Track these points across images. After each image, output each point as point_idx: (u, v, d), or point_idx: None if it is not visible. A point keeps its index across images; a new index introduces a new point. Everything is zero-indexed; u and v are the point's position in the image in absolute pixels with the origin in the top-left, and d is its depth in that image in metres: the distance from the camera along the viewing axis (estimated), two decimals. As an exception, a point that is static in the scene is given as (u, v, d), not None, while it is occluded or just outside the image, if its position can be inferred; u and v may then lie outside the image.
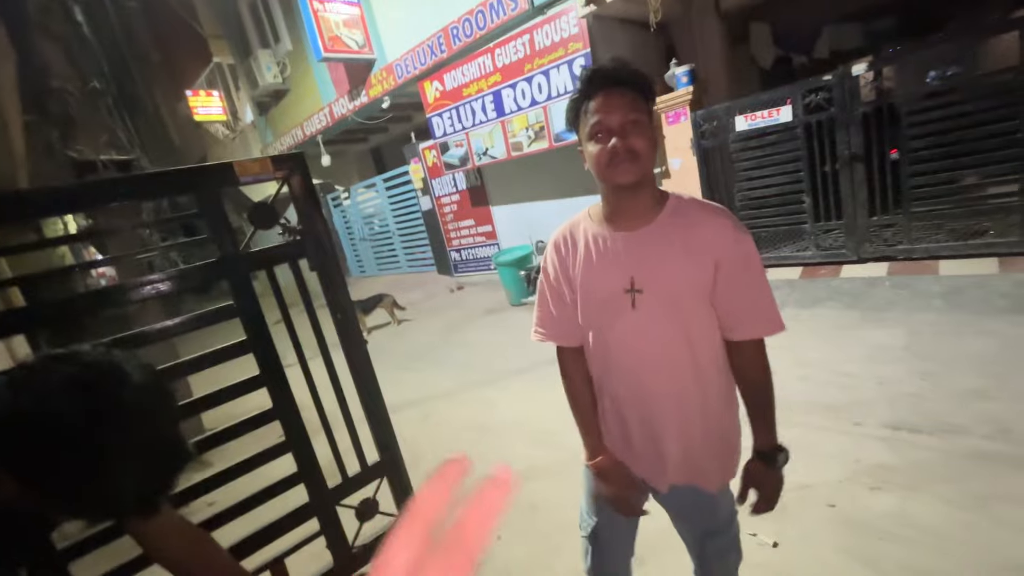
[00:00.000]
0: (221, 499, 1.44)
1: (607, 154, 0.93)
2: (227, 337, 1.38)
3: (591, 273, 1.04)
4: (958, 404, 2.33)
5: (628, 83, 0.94)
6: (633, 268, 0.99)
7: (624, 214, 1.01)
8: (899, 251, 3.83)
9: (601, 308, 1.05)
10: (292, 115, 9.17)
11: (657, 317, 0.99)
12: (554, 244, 1.13)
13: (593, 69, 0.96)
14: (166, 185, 1.28)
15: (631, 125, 0.92)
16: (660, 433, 1.06)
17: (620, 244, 1.01)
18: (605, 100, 0.93)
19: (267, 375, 1.39)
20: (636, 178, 0.94)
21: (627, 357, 1.05)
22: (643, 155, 0.93)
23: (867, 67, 3.67)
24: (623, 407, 1.09)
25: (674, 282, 0.98)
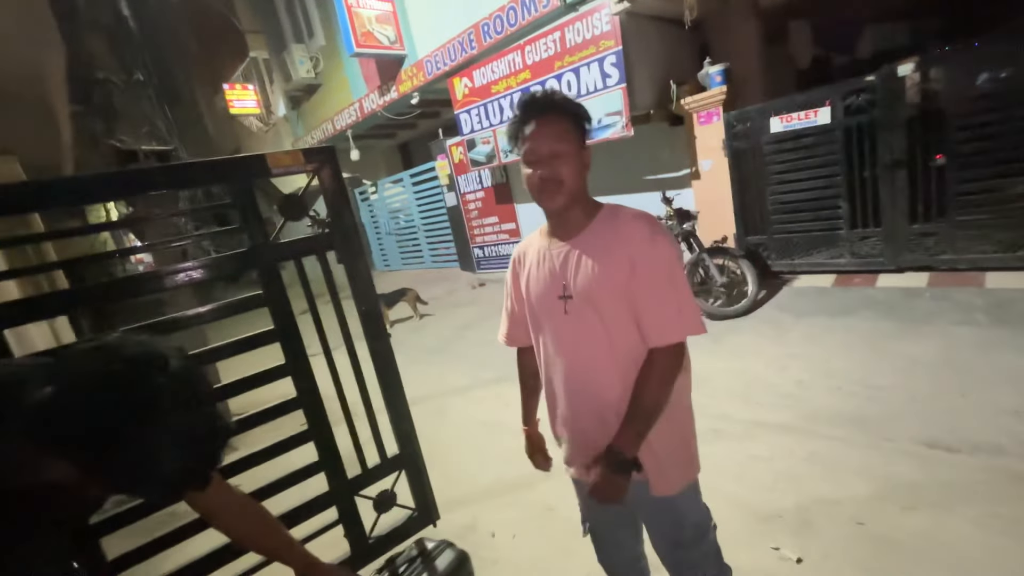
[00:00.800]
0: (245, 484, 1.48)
1: (536, 179, 1.03)
2: (253, 326, 1.41)
3: (534, 283, 1.15)
4: (996, 423, 2.22)
5: (559, 110, 1.02)
6: (565, 276, 1.08)
7: (560, 228, 1.12)
8: (941, 261, 3.66)
9: (542, 315, 1.15)
10: (323, 109, 9.33)
11: (584, 320, 1.07)
12: (513, 259, 1.26)
13: (529, 96, 1.04)
14: (202, 175, 1.32)
15: (558, 155, 1.01)
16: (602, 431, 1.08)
17: (556, 254, 1.11)
18: (536, 129, 1.01)
19: (292, 364, 1.42)
20: (561, 204, 1.05)
21: (564, 360, 1.13)
22: (567, 182, 1.02)
23: (914, 67, 3.51)
24: (573, 415, 1.16)
25: (595, 285, 1.04)
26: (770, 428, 2.54)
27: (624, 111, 4.64)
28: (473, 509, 2.38)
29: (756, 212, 4.54)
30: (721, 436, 2.53)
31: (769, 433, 2.49)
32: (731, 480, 2.17)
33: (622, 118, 4.68)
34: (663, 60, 4.88)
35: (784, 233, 4.42)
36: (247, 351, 1.39)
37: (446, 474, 2.71)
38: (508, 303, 1.31)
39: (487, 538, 2.19)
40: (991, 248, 3.52)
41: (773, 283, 4.37)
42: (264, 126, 11.08)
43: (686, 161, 4.99)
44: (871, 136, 3.75)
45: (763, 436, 2.48)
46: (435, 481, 1.80)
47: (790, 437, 2.43)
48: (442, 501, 1.83)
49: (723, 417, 2.69)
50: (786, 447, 2.35)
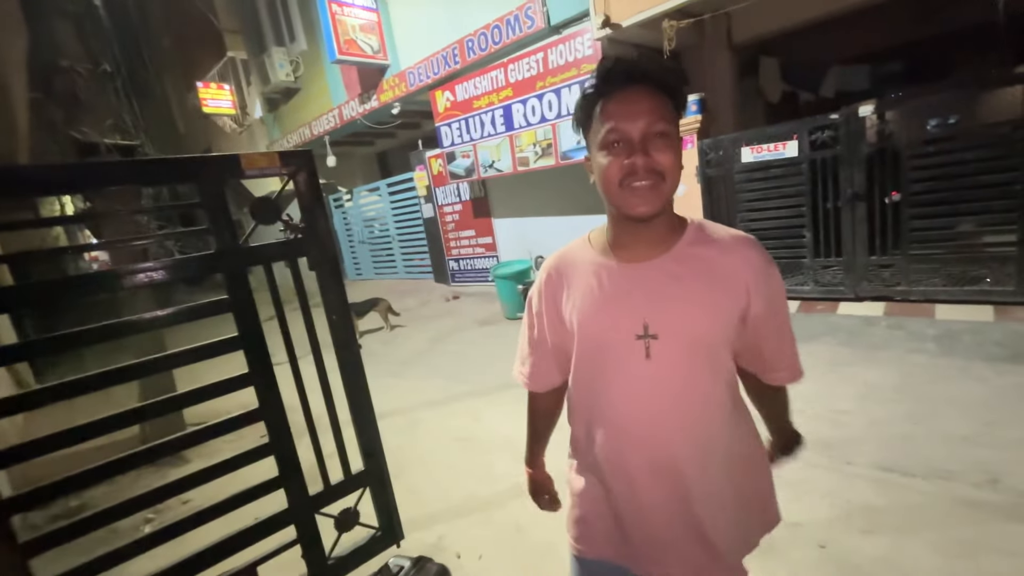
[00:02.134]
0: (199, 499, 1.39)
1: (623, 170, 0.74)
2: (214, 332, 1.34)
3: (591, 313, 0.84)
4: (949, 449, 2.31)
5: (657, 82, 0.75)
6: (645, 308, 0.80)
7: (635, 242, 0.83)
8: (896, 292, 3.85)
9: (604, 357, 0.84)
10: (301, 114, 9.20)
11: (678, 369, 0.80)
12: (546, 275, 0.94)
13: (615, 59, 0.76)
14: (170, 172, 1.26)
15: (657, 137, 0.74)
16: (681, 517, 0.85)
17: (629, 279, 0.82)
18: (626, 102, 0.74)
19: (256, 373, 1.36)
20: (657, 207, 0.76)
21: (640, 418, 0.83)
22: (668, 176, 0.75)
23: (873, 109, 3.73)
24: (631, 486, 0.86)
25: (697, 325, 0.79)
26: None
27: (603, 133, 4.74)
28: (439, 528, 2.31)
29: (726, 237, 4.67)
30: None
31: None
32: (699, 501, 2.18)
33: (601, 140, 4.78)
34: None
35: (752, 259, 4.56)
36: (208, 358, 1.32)
37: (414, 491, 2.63)
38: (533, 333, 0.97)
39: (452, 559, 2.12)
40: (941, 281, 3.73)
41: (741, 307, 4.48)
42: (238, 127, 10.82)
43: (663, 184, 5.11)
44: (834, 170, 3.94)
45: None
46: (402, 498, 1.74)
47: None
48: (408, 519, 1.77)
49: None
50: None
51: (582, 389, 0.91)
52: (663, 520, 0.86)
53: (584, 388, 0.90)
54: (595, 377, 0.86)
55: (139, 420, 1.29)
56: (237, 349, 1.34)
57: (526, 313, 1.00)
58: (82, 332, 1.16)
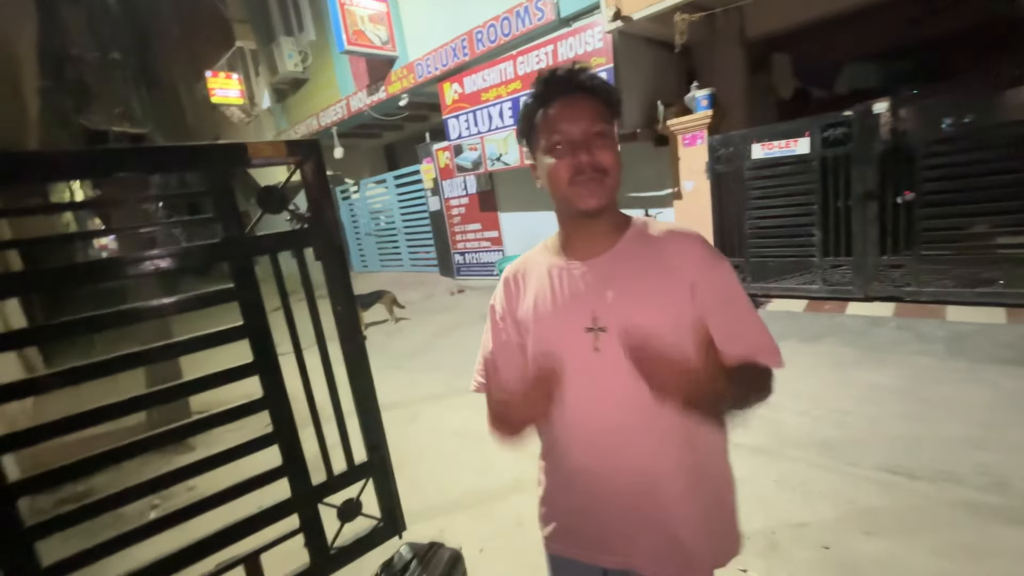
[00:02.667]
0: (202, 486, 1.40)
1: (570, 169, 0.80)
2: (217, 321, 1.34)
3: (545, 311, 0.88)
4: (954, 452, 2.29)
5: (593, 90, 0.82)
6: (594, 302, 0.83)
7: (584, 240, 0.88)
8: (906, 293, 3.81)
9: (556, 352, 0.84)
10: (309, 104, 9.19)
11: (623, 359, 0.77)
12: (504, 280, 0.98)
13: (552, 71, 0.82)
14: (178, 160, 1.26)
15: (598, 137, 0.80)
16: (641, 509, 0.86)
17: (579, 275, 0.86)
18: (567, 107, 0.80)
19: (261, 363, 1.36)
20: (603, 201, 0.81)
21: (591, 415, 0.85)
22: (611, 173, 0.81)
23: (888, 106, 3.67)
24: (590, 481, 0.89)
25: (643, 313, 0.81)
26: (741, 449, 2.56)
27: (611, 128, 4.70)
28: (440, 521, 2.32)
29: (734, 235, 4.65)
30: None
31: (740, 454, 2.51)
32: (701, 499, 2.18)
33: (609, 134, 4.74)
34: (652, 81, 4.98)
35: (760, 257, 4.53)
36: (214, 346, 1.32)
37: (415, 483, 2.64)
38: (491, 337, 1.00)
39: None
40: (952, 283, 3.69)
41: (747, 305, 4.46)
42: (246, 117, 10.83)
43: (669, 181, 5.08)
44: (846, 168, 3.89)
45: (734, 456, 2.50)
46: (403, 490, 1.74)
47: (760, 459, 2.46)
48: (409, 511, 1.77)
49: (695, 435, 2.71)
50: (757, 469, 2.38)
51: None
52: (621, 511, 0.87)
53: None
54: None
55: (146, 407, 1.30)
56: (243, 338, 1.34)
57: (489, 321, 1.01)
58: (91, 318, 1.16)
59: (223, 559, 1.38)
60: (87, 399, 1.24)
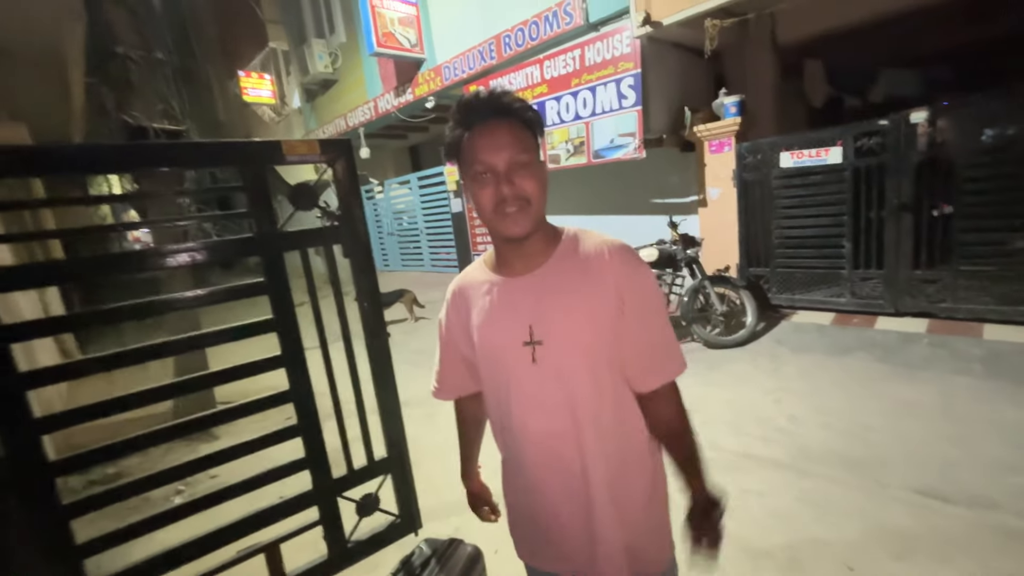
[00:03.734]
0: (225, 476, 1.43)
1: (493, 197, 0.82)
2: (242, 315, 1.37)
3: (486, 327, 0.92)
4: (990, 476, 2.19)
5: (513, 115, 0.83)
6: (530, 316, 0.87)
7: (516, 259, 0.90)
8: (941, 309, 3.67)
9: (500, 366, 0.91)
10: (337, 105, 9.37)
11: (560, 370, 0.86)
12: (449, 296, 1.02)
13: (473, 95, 0.84)
14: (215, 156, 1.30)
15: (520, 168, 0.81)
16: (587, 511, 0.90)
17: (514, 291, 0.90)
18: (489, 136, 0.81)
19: (288, 356, 1.39)
20: (528, 228, 0.84)
21: (534, 423, 0.90)
22: (534, 201, 0.83)
23: (927, 116, 3.55)
24: (533, 484, 0.94)
25: (575, 327, 0.85)
26: (762, 462, 2.50)
27: (638, 133, 4.67)
28: (456, 520, 2.33)
29: (760, 244, 4.55)
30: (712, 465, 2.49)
31: (760, 467, 2.46)
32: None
33: (635, 140, 4.71)
34: (679, 86, 4.93)
35: (786, 268, 4.43)
36: (243, 338, 1.35)
37: (431, 481, 2.65)
38: (446, 347, 1.08)
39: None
40: (991, 300, 3.54)
41: (772, 316, 4.37)
42: (277, 116, 11.10)
43: (694, 188, 5.01)
44: (880, 179, 3.78)
45: (754, 469, 2.44)
46: (419, 487, 1.75)
47: (782, 473, 2.40)
48: (425, 509, 1.79)
49: (714, 446, 2.65)
50: (778, 483, 2.32)
51: (490, 398, 0.99)
52: (569, 517, 0.92)
53: (491, 397, 0.98)
54: (497, 386, 0.94)
55: (175, 395, 1.34)
56: (272, 331, 1.37)
57: (438, 331, 1.10)
58: (127, 307, 1.21)
59: (244, 547, 1.41)
60: (116, 386, 1.28)
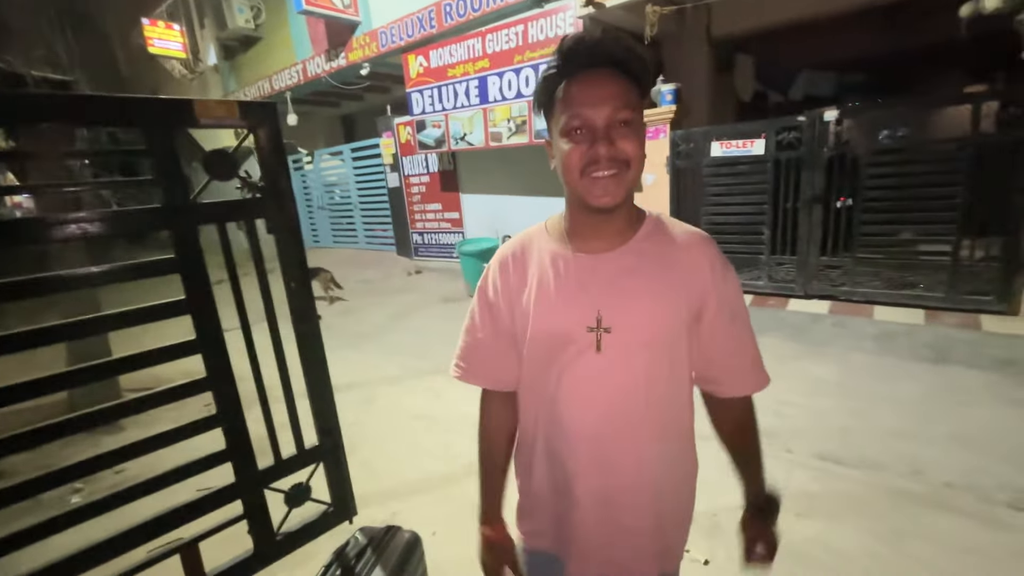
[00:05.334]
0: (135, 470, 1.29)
1: (585, 159, 0.72)
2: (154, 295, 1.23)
3: (546, 303, 0.81)
4: (880, 442, 2.49)
5: (623, 66, 0.72)
6: (600, 300, 0.78)
7: (593, 232, 0.80)
8: (841, 292, 4.07)
9: (555, 349, 0.81)
10: (261, 65, 8.60)
11: (626, 363, 0.78)
12: (500, 262, 0.89)
13: (578, 38, 0.72)
14: (111, 112, 1.12)
15: (622, 125, 0.71)
16: (629, 513, 0.84)
17: (585, 269, 0.80)
18: (590, 87, 0.71)
19: (205, 340, 1.26)
20: (620, 199, 0.74)
21: (586, 414, 0.81)
22: (633, 165, 0.73)
23: (837, 115, 3.86)
24: (575, 482, 0.84)
25: (650, 316, 0.77)
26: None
27: (579, 115, 4.69)
28: (393, 505, 2.29)
29: (690, 229, 4.78)
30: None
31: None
32: (650, 484, 2.26)
33: (576, 122, 4.73)
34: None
35: (713, 252, 4.70)
36: (150, 321, 1.21)
37: (368, 467, 2.58)
38: (480, 320, 0.90)
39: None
40: (881, 284, 3.97)
41: (699, 298, 4.63)
42: (189, 73, 10.01)
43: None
44: (796, 171, 4.08)
45: (681, 442, 2.60)
46: (356, 474, 1.69)
47: (705, 445, 2.55)
48: (361, 495, 1.73)
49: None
50: (701, 454, 2.48)
51: (534, 380, 0.87)
52: (594, 519, 0.85)
53: (535, 379, 0.86)
54: (546, 368, 0.83)
55: (71, 385, 1.18)
56: (184, 313, 1.24)
57: (476, 303, 0.92)
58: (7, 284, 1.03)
59: (157, 547, 1.29)
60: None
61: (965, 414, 2.63)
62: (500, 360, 0.90)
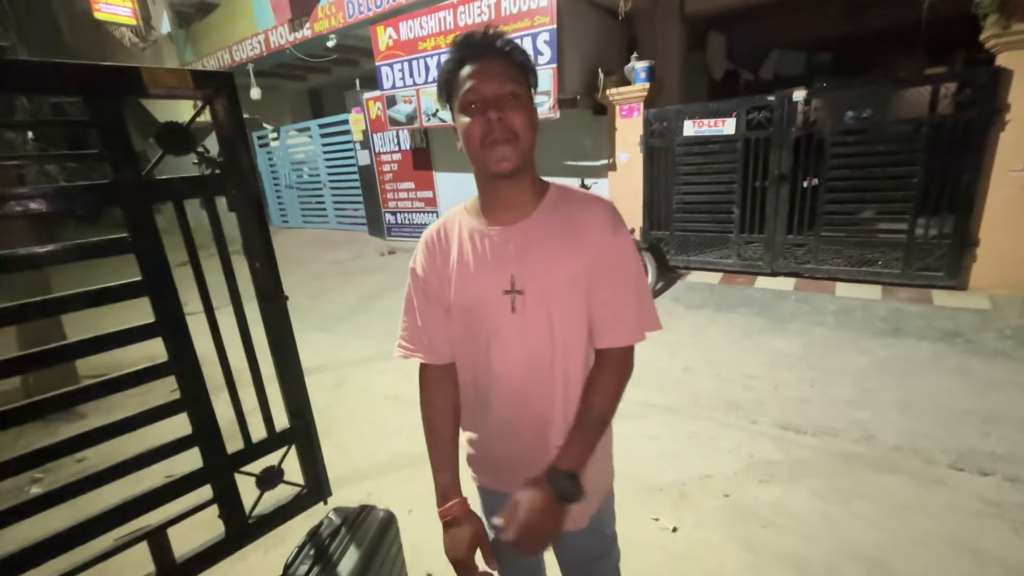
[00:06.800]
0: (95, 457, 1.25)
1: (481, 129, 0.82)
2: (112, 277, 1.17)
3: (467, 274, 0.91)
4: (835, 411, 2.62)
5: (508, 54, 0.84)
6: (512, 266, 0.88)
7: (502, 205, 0.90)
8: (805, 269, 4.22)
9: (479, 314, 0.92)
10: (219, 35, 8.14)
11: (536, 320, 0.89)
12: (426, 242, 0.98)
13: (469, 34, 0.84)
14: (53, 80, 1.04)
15: (510, 97, 0.81)
16: (542, 446, 0.94)
17: (498, 240, 0.90)
18: (481, 67, 0.82)
19: (164, 323, 1.21)
20: (514, 164, 0.83)
21: (508, 370, 0.92)
22: (522, 135, 0.83)
23: (805, 96, 3.93)
24: (511, 428, 0.97)
25: (555, 279, 0.88)
26: (658, 409, 2.76)
27: (553, 92, 4.63)
28: (368, 485, 2.29)
29: (662, 209, 4.85)
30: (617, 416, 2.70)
31: (657, 413, 2.71)
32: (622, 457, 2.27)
33: (550, 99, 4.67)
34: (594, 47, 4.94)
35: (683, 231, 4.78)
36: (104, 304, 1.15)
37: (342, 448, 2.58)
38: (416, 300, 1.00)
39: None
40: (842, 262, 4.13)
41: (670, 276, 4.73)
42: (140, 42, 9.40)
43: (605, 152, 5.14)
44: (766, 151, 4.15)
45: (652, 416, 2.68)
46: (329, 455, 1.68)
47: (676, 417, 2.66)
48: (335, 476, 1.72)
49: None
50: (671, 427, 2.57)
51: (464, 343, 0.97)
52: (527, 449, 0.97)
53: (466, 342, 0.97)
54: (474, 330, 0.94)
55: (23, 370, 1.12)
56: (141, 295, 1.18)
57: (410, 283, 1.02)
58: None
59: (125, 534, 1.26)
60: (-62, 363, 1.04)
61: (914, 383, 2.79)
62: (435, 335, 0.99)
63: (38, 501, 1.12)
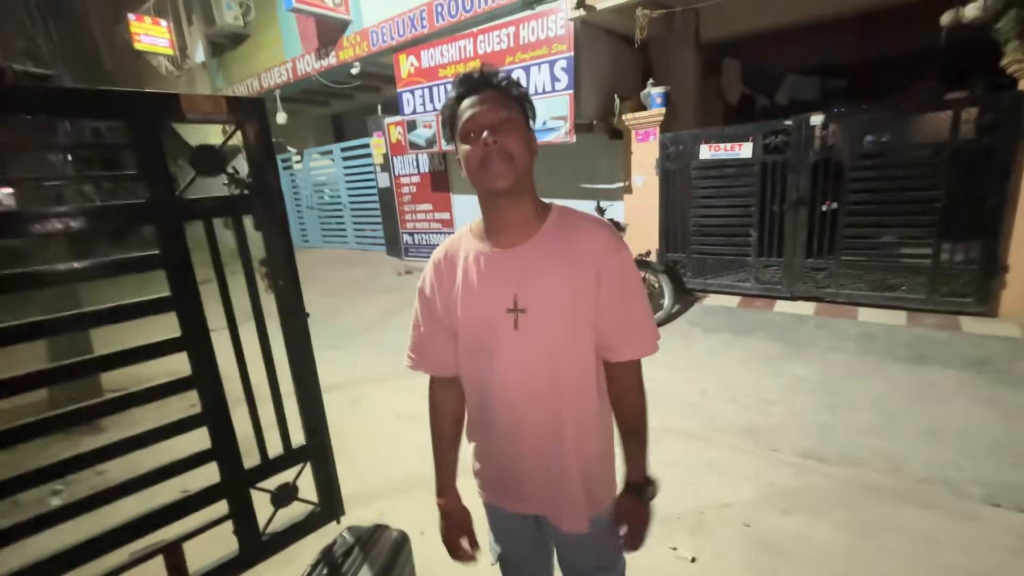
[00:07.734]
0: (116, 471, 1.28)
1: (479, 152, 0.87)
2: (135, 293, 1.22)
3: (472, 293, 0.96)
4: (858, 439, 2.54)
5: (503, 88, 0.91)
6: (516, 285, 0.93)
7: (505, 227, 0.95)
8: (826, 293, 4.14)
9: (483, 331, 0.96)
10: (250, 63, 8.51)
11: (538, 338, 0.93)
12: (434, 263, 1.05)
13: (468, 73, 0.92)
14: (96, 105, 1.11)
15: (504, 123, 0.88)
16: (555, 465, 0.99)
17: (501, 261, 0.95)
18: (479, 100, 0.89)
19: (191, 338, 1.25)
20: (510, 182, 0.88)
21: (511, 384, 0.97)
22: (517, 157, 0.88)
23: (823, 120, 3.93)
24: (513, 442, 1.01)
25: (557, 298, 0.92)
26: (676, 434, 2.70)
27: (569, 117, 4.72)
28: (380, 505, 2.28)
29: (678, 231, 4.84)
30: (630, 439, 2.65)
31: (674, 439, 2.65)
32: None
33: (566, 123, 4.75)
34: (610, 73, 5.03)
35: (700, 254, 4.76)
36: (134, 318, 1.19)
37: (355, 466, 2.57)
38: (422, 315, 1.08)
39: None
40: (864, 287, 4.05)
41: (687, 299, 4.68)
42: (176, 70, 9.87)
43: (620, 175, 5.18)
44: (783, 175, 4.14)
45: (669, 441, 2.63)
46: (342, 473, 1.68)
47: (692, 443, 2.60)
48: (348, 495, 1.72)
49: (633, 421, 2.82)
50: (688, 453, 2.51)
51: (469, 362, 1.02)
52: (532, 466, 1.01)
53: (471, 361, 1.02)
54: (478, 347, 0.98)
55: (51, 382, 1.16)
56: (169, 310, 1.23)
57: (418, 301, 1.09)
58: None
59: (140, 548, 1.27)
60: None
61: (941, 412, 2.69)
62: (440, 349, 1.06)
63: (58, 513, 1.14)
